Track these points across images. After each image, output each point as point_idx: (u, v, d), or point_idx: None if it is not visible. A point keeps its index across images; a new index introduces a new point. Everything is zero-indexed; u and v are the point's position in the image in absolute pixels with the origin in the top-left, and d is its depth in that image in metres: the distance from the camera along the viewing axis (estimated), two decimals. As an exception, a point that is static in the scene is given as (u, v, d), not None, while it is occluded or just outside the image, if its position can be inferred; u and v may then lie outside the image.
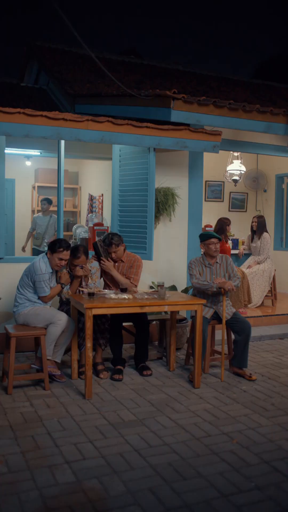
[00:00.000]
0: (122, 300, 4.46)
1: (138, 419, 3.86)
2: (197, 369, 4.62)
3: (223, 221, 7.35)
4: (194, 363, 4.65)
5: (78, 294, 4.75)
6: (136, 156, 5.98)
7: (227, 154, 8.42)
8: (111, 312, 4.48)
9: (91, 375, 4.27)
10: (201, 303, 4.68)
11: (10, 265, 5.69)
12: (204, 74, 9.48)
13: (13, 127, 4.93)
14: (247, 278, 7.25)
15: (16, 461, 3.15)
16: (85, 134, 5.24)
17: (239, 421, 3.85)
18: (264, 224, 7.74)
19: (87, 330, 4.24)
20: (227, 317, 4.92)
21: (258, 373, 5.09)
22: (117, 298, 4.48)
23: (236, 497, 2.77)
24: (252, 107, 5.78)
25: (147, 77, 7.99)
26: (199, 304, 4.66)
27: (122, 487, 2.85)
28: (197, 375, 4.63)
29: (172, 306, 4.70)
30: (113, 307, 4.39)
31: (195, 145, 5.75)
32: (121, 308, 4.45)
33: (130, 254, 5.23)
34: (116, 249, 5.07)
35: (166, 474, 3.00)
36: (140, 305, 4.47)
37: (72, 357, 4.76)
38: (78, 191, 10.04)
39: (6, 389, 4.39)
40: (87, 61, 7.88)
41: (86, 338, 4.26)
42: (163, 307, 4.65)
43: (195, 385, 4.62)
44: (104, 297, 4.52)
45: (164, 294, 4.65)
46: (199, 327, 4.63)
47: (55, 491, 2.81)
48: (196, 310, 4.65)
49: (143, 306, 4.48)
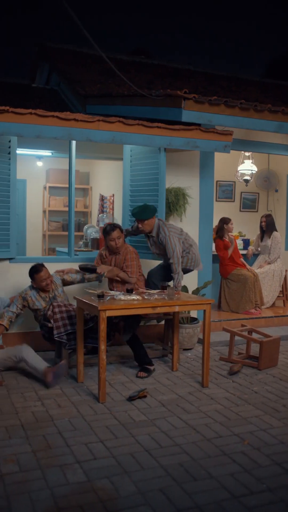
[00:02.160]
0: (131, 301, 4.47)
1: (148, 419, 3.86)
2: (205, 368, 4.64)
3: (222, 221, 7.36)
4: (203, 362, 4.66)
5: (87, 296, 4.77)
6: (147, 156, 5.98)
7: (238, 154, 8.39)
8: (124, 313, 4.49)
9: (104, 378, 4.26)
10: (209, 302, 4.70)
11: (21, 265, 5.71)
12: (215, 74, 9.46)
13: (25, 128, 4.95)
14: (259, 279, 7.23)
15: (28, 460, 3.16)
16: (96, 134, 5.25)
17: (250, 422, 3.84)
18: (273, 222, 7.71)
19: (101, 332, 4.23)
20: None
21: (270, 374, 5.07)
22: (126, 299, 4.49)
23: (247, 499, 2.76)
24: (264, 106, 5.75)
25: (157, 77, 7.98)
26: (208, 304, 4.68)
27: (132, 487, 2.86)
28: (206, 374, 4.64)
29: (182, 306, 4.72)
30: (126, 308, 4.39)
31: (206, 145, 5.74)
32: (134, 309, 4.47)
33: (124, 246, 5.24)
34: (120, 235, 5.09)
35: (176, 475, 3.00)
36: (152, 306, 4.48)
37: (78, 360, 4.75)
38: (89, 191, 10.06)
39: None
40: (98, 61, 7.89)
41: (99, 340, 4.25)
42: (174, 307, 4.65)
43: (203, 384, 4.64)
44: (113, 299, 4.53)
45: (173, 294, 4.66)
46: (208, 326, 4.64)
47: (66, 490, 2.81)
48: (205, 309, 4.67)
49: (155, 306, 4.49)
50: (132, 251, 5.22)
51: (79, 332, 4.72)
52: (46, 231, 9.69)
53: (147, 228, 5.14)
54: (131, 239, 5.99)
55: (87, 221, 9.89)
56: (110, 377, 4.89)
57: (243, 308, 7.05)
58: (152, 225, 5.15)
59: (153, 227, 5.16)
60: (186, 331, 5.83)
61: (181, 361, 5.47)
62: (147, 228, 5.14)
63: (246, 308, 7.04)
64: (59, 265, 5.94)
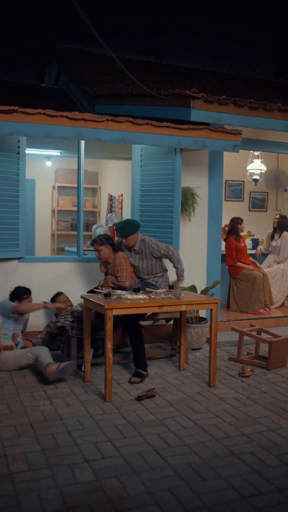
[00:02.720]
0: (138, 300, 4.48)
1: (157, 419, 3.86)
2: (212, 368, 4.64)
3: (234, 221, 7.34)
4: (210, 361, 4.67)
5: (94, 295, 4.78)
6: (159, 156, 5.98)
7: (247, 153, 8.36)
8: (131, 312, 4.50)
9: (111, 377, 4.27)
10: (216, 302, 4.71)
11: (30, 264, 5.74)
12: (223, 73, 9.44)
13: (34, 128, 4.97)
14: (268, 278, 7.20)
15: (37, 459, 3.17)
16: (105, 134, 5.25)
17: (259, 422, 3.82)
18: (285, 223, 7.68)
19: (108, 331, 4.25)
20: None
21: (279, 374, 5.05)
22: (133, 299, 4.50)
23: (256, 499, 2.75)
24: (273, 105, 5.73)
25: (166, 77, 7.98)
26: (214, 303, 4.70)
27: (141, 486, 2.86)
28: (213, 374, 4.65)
29: (189, 306, 4.74)
30: (132, 307, 4.40)
31: (215, 144, 5.73)
32: (140, 308, 4.47)
33: (115, 254, 5.31)
34: (99, 248, 5.21)
35: (185, 475, 3.00)
36: (159, 305, 4.49)
37: (85, 359, 4.76)
38: (98, 191, 10.08)
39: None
40: (106, 61, 7.90)
41: (106, 339, 4.26)
42: (181, 306, 4.66)
43: (210, 384, 4.64)
44: (120, 298, 4.54)
45: (180, 294, 4.67)
46: (214, 326, 4.65)
47: (74, 489, 2.82)
48: (211, 309, 4.68)
49: (162, 306, 4.50)
50: (121, 256, 5.26)
51: (86, 331, 4.74)
52: (55, 230, 9.72)
53: (130, 243, 5.24)
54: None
55: (95, 221, 9.90)
56: (119, 376, 4.90)
57: (252, 308, 7.02)
58: (135, 240, 5.25)
59: (136, 241, 5.25)
60: (194, 330, 5.82)
61: (190, 360, 5.47)
62: (131, 243, 5.24)
63: (255, 308, 7.02)
64: (68, 264, 5.96)
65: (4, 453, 3.25)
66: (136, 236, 5.22)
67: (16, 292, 5.32)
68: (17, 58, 37.09)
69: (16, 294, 5.31)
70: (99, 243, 5.26)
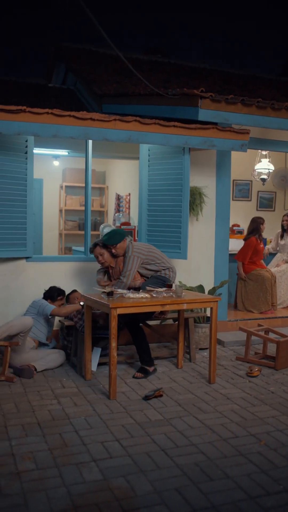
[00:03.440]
0: (140, 299, 4.49)
1: (164, 418, 3.85)
2: (212, 365, 4.69)
3: (257, 220, 7.27)
4: (210, 358, 4.71)
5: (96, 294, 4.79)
6: (168, 156, 5.97)
7: (255, 153, 8.33)
8: (134, 311, 4.52)
9: (115, 375, 4.28)
10: (216, 300, 4.77)
11: (38, 264, 5.75)
12: (231, 73, 9.41)
13: (42, 127, 4.97)
14: (275, 279, 7.16)
15: (44, 458, 3.18)
16: (112, 133, 5.25)
17: (267, 422, 3.81)
18: None
19: (112, 330, 4.26)
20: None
21: (286, 374, 5.03)
22: (135, 298, 4.51)
23: (264, 499, 2.74)
24: (281, 105, 5.71)
25: (174, 76, 7.97)
26: (215, 302, 4.76)
27: (148, 486, 2.85)
28: (212, 371, 4.70)
29: (190, 304, 4.78)
30: (136, 306, 4.42)
31: (222, 144, 5.71)
32: (144, 307, 4.50)
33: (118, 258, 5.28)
34: (102, 251, 5.20)
35: (192, 475, 2.99)
36: (161, 304, 4.52)
37: (85, 358, 4.77)
38: (105, 191, 10.09)
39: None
40: (114, 61, 7.90)
41: (110, 338, 4.27)
42: (182, 305, 4.70)
43: (210, 381, 4.69)
44: (122, 297, 4.55)
45: (181, 292, 4.71)
46: (214, 323, 4.71)
47: (82, 488, 2.82)
48: (212, 307, 4.74)
49: (164, 304, 4.54)
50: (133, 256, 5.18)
51: (87, 330, 4.75)
52: (62, 230, 9.74)
53: (120, 251, 5.20)
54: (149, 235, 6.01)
55: (103, 220, 9.92)
56: (126, 375, 4.90)
57: (258, 309, 7.00)
58: (124, 248, 5.19)
59: (125, 249, 5.21)
60: (202, 330, 5.82)
61: (197, 360, 5.46)
62: (120, 251, 5.20)
63: (262, 309, 7.00)
64: (76, 264, 5.97)
65: (12, 452, 3.26)
66: (124, 244, 5.17)
67: (51, 292, 5.34)
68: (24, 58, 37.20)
69: (50, 294, 5.33)
70: (100, 246, 5.22)
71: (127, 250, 5.16)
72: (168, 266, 5.23)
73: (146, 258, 5.15)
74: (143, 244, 5.38)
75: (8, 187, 5.39)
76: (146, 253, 5.17)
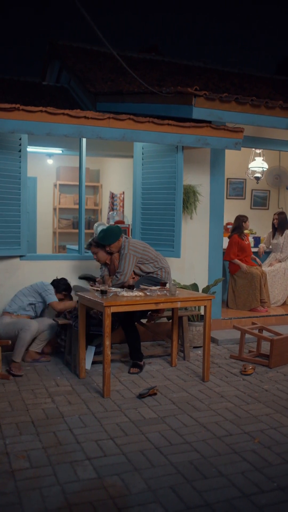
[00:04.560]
0: (134, 297, 4.50)
1: (159, 416, 3.86)
2: (206, 363, 4.71)
3: (240, 218, 7.36)
4: (204, 356, 4.72)
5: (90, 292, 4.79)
6: (161, 154, 5.97)
7: (249, 151, 8.35)
8: (128, 309, 4.53)
9: (109, 374, 4.28)
10: (210, 298, 4.78)
11: (32, 262, 5.75)
12: (226, 71, 9.41)
13: (35, 126, 4.96)
14: (265, 277, 7.20)
15: (38, 456, 3.18)
16: (106, 132, 5.25)
17: (260, 420, 3.82)
18: (286, 220, 7.66)
19: (106, 328, 4.26)
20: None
21: (280, 372, 5.05)
22: (129, 296, 4.52)
23: (258, 497, 2.75)
24: (275, 103, 5.72)
25: (168, 74, 7.96)
26: (208, 300, 4.78)
27: (143, 484, 2.86)
28: (206, 369, 4.72)
29: (184, 302, 4.80)
30: (130, 304, 4.43)
31: (216, 142, 5.72)
32: (138, 305, 4.50)
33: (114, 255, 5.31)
34: (95, 250, 5.26)
35: (187, 473, 3.00)
36: (155, 302, 4.53)
37: (80, 356, 4.76)
38: (99, 189, 10.08)
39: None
40: (108, 59, 7.89)
41: (104, 336, 4.27)
42: (176, 303, 4.72)
43: (204, 379, 4.71)
44: (116, 295, 4.55)
45: (175, 291, 4.72)
46: (208, 321, 4.73)
47: (76, 487, 2.82)
48: (205, 305, 4.76)
49: (158, 302, 4.54)
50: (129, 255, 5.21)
51: (81, 328, 4.75)
52: (56, 228, 9.73)
53: (114, 250, 5.23)
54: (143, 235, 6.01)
55: (97, 219, 9.91)
56: (119, 373, 4.90)
57: (248, 306, 7.05)
58: (119, 246, 5.21)
59: (120, 247, 5.22)
60: (196, 328, 5.82)
61: (192, 358, 5.47)
62: (115, 250, 5.23)
63: (251, 306, 7.04)
64: (70, 262, 5.97)
65: (6, 450, 3.25)
66: (118, 243, 5.18)
67: (60, 283, 5.38)
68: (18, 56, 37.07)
69: (58, 284, 5.35)
70: (94, 245, 5.26)
71: (123, 246, 5.17)
72: (161, 266, 5.24)
73: (141, 256, 5.16)
74: (139, 241, 5.38)
75: (2, 186, 5.38)
76: (141, 252, 5.17)
